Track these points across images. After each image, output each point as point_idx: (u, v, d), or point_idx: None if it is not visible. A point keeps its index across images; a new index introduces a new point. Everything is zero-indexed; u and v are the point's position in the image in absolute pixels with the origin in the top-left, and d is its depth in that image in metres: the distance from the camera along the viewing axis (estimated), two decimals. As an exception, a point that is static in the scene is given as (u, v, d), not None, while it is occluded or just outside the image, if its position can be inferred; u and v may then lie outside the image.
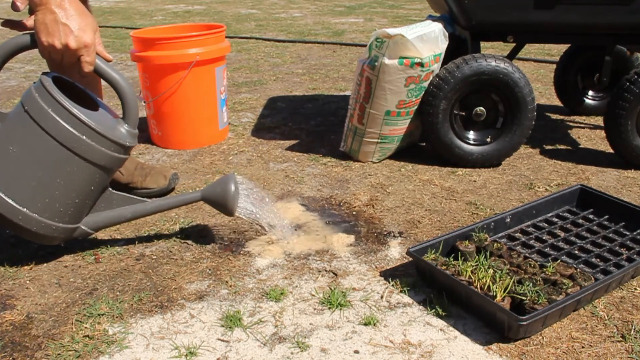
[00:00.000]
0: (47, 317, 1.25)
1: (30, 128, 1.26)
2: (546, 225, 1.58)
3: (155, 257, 1.48)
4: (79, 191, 1.33)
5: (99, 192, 1.40)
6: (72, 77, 1.41)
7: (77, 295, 1.32)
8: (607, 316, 1.22)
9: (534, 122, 1.97)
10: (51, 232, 1.33)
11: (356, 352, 1.13)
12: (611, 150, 2.03)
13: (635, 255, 1.39)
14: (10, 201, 1.28)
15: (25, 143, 1.27)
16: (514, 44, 2.16)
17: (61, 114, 1.26)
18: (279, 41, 4.72)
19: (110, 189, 1.44)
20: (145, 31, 2.33)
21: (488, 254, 1.38)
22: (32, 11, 1.37)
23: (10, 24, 1.38)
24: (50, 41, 1.20)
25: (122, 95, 1.33)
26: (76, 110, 1.27)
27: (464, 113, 2.00)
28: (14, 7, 1.33)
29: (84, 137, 1.27)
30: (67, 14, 1.19)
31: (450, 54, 2.03)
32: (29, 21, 1.27)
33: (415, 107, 1.99)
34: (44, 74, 1.32)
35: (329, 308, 1.26)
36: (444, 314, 1.23)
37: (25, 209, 1.29)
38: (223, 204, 1.45)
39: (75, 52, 1.22)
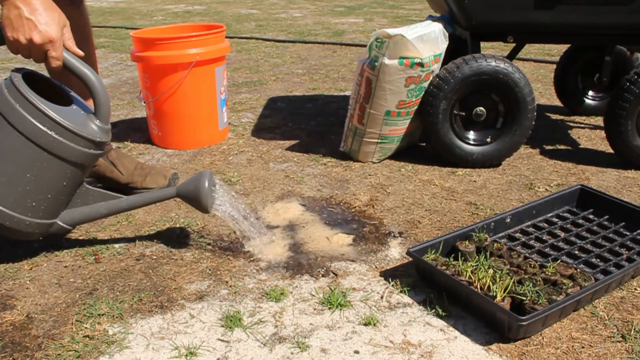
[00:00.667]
0: (47, 317, 1.25)
1: (0, 124, 1.26)
2: (546, 225, 1.58)
3: (155, 257, 1.48)
4: (51, 187, 1.33)
5: (73, 188, 1.39)
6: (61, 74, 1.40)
7: (77, 296, 1.32)
8: (607, 316, 1.22)
9: (534, 122, 1.97)
10: (25, 228, 1.33)
11: (356, 352, 1.13)
12: (611, 150, 2.03)
13: (635, 256, 1.39)
14: None
15: None
16: (514, 44, 2.16)
17: (29, 110, 1.25)
18: (279, 41, 4.72)
19: (86, 184, 1.44)
20: (145, 31, 2.33)
21: (488, 254, 1.38)
22: None
23: None
24: (15, 36, 1.19)
25: (92, 91, 1.32)
26: (44, 106, 1.26)
27: (464, 113, 2.00)
28: None
29: (52, 133, 1.27)
30: (31, 9, 1.18)
31: (450, 54, 2.03)
32: None
33: (415, 108, 1.99)
34: (15, 70, 1.32)
35: (329, 308, 1.26)
36: (444, 314, 1.23)
37: None
38: (197, 200, 1.43)
39: (40, 47, 1.20)
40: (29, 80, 1.30)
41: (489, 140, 2.01)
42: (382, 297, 1.30)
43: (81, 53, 1.30)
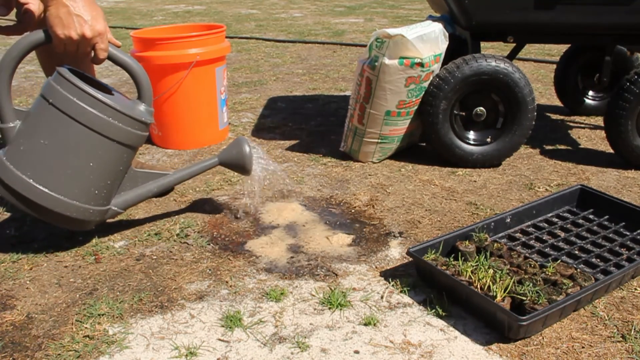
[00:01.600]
0: (47, 317, 1.25)
1: (59, 119, 1.31)
2: (546, 225, 1.58)
3: (155, 257, 1.48)
4: (111, 172, 1.40)
5: (125, 172, 1.46)
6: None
7: (77, 296, 1.32)
8: (607, 316, 1.22)
9: (534, 122, 1.97)
10: (88, 216, 1.39)
11: (356, 352, 1.13)
12: (611, 150, 2.03)
13: (635, 256, 1.39)
14: (50, 192, 1.33)
15: (56, 134, 1.32)
16: (514, 44, 2.16)
17: (86, 100, 1.31)
18: (279, 41, 4.72)
19: (133, 167, 1.49)
20: (145, 31, 2.33)
21: (488, 254, 1.38)
22: (19, 15, 1.38)
23: (4, 29, 1.39)
24: (67, 33, 1.23)
25: (135, 76, 1.39)
26: (100, 95, 1.32)
27: (464, 113, 2.00)
28: (0, 12, 1.34)
29: (111, 119, 1.33)
30: (78, 5, 1.23)
31: (451, 54, 2.03)
32: (25, 22, 1.28)
33: (416, 107, 1.99)
34: (59, 66, 1.35)
35: (329, 308, 1.26)
36: (444, 314, 1.23)
37: (64, 197, 1.34)
38: (241, 165, 1.56)
39: (90, 40, 1.26)
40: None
41: (489, 140, 2.01)
42: (382, 297, 1.30)
43: (119, 43, 1.39)
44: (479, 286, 1.25)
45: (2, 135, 1.35)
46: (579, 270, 1.31)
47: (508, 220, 1.54)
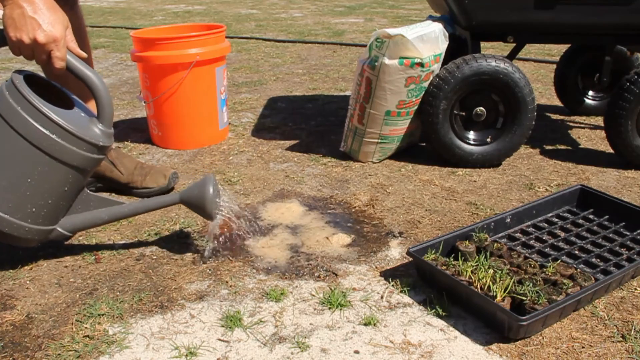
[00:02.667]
0: (47, 317, 1.25)
1: (0, 127, 1.23)
2: (546, 225, 1.58)
3: (155, 257, 1.48)
4: (52, 192, 1.29)
5: (74, 193, 1.36)
6: (62, 77, 1.39)
7: (77, 295, 1.32)
8: (607, 316, 1.22)
9: (534, 122, 1.97)
10: (24, 234, 1.29)
11: (356, 352, 1.13)
12: (611, 150, 2.03)
13: (635, 256, 1.39)
14: None
15: None
16: (514, 44, 2.16)
17: (31, 112, 1.22)
18: (279, 41, 4.72)
19: (87, 190, 1.41)
20: (145, 31, 2.33)
21: (488, 254, 1.38)
22: None
23: None
24: (19, 36, 1.16)
25: (95, 93, 1.28)
26: (46, 108, 1.23)
27: (464, 113, 2.00)
28: None
29: (55, 137, 1.24)
30: (35, 8, 1.16)
31: (451, 54, 2.03)
32: None
33: (416, 107, 1.99)
34: (16, 71, 1.29)
35: (329, 308, 1.26)
36: (444, 314, 1.23)
37: None
38: (201, 207, 1.40)
39: (44, 47, 1.18)
40: (30, 82, 1.28)
41: (489, 140, 2.01)
42: (382, 297, 1.30)
43: (84, 54, 1.28)
44: (479, 286, 1.25)
45: None
46: (579, 270, 1.31)
47: (508, 220, 1.54)
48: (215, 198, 1.41)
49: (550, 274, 1.29)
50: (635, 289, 1.32)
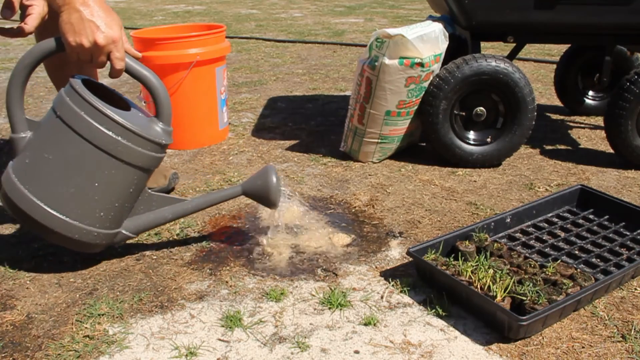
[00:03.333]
0: (47, 317, 1.25)
1: (65, 133, 1.24)
2: (546, 225, 1.58)
3: (155, 257, 1.48)
4: (119, 195, 1.30)
5: (138, 194, 1.36)
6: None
7: (77, 295, 1.32)
8: (607, 316, 1.22)
9: (534, 122, 1.97)
10: (93, 239, 1.30)
11: (356, 352, 1.13)
12: (611, 150, 2.03)
13: (635, 256, 1.39)
14: (50, 210, 1.25)
15: (61, 149, 1.24)
16: (514, 44, 2.16)
17: (95, 116, 1.23)
18: (279, 41, 4.72)
19: (149, 190, 1.40)
20: (145, 31, 2.33)
21: (488, 254, 1.38)
22: (23, 16, 1.36)
23: (7, 32, 1.37)
24: (78, 40, 1.17)
25: (154, 93, 1.30)
26: (110, 111, 1.24)
27: (464, 113, 2.00)
28: (4, 14, 1.31)
29: (120, 139, 1.24)
30: (92, 11, 1.17)
31: (451, 54, 2.03)
32: (28, 24, 1.26)
33: (416, 107, 1.99)
34: (73, 77, 1.29)
35: (329, 308, 1.26)
36: (444, 314, 1.23)
37: (66, 217, 1.26)
38: (265, 197, 1.42)
39: (103, 48, 1.19)
40: (87, 86, 1.28)
41: (489, 140, 2.01)
42: (382, 297, 1.30)
43: (139, 55, 1.30)
44: (479, 286, 1.25)
45: (13, 145, 1.29)
46: (579, 270, 1.31)
47: (508, 220, 1.54)
48: (279, 187, 1.43)
49: (550, 274, 1.29)
50: (635, 289, 1.32)
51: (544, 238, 1.50)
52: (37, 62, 1.25)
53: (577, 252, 1.43)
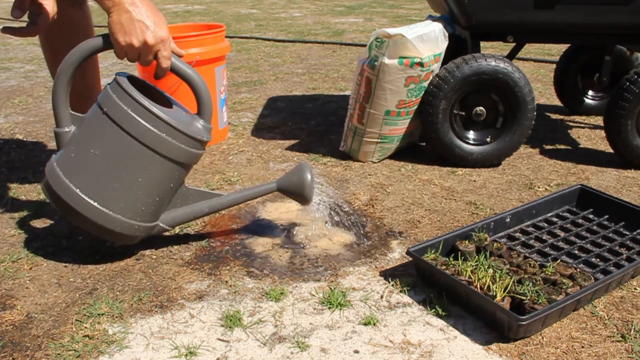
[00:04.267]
0: (47, 317, 1.25)
1: (111, 130, 1.27)
2: (546, 225, 1.58)
3: (155, 257, 1.48)
4: (160, 189, 1.34)
5: (177, 189, 1.41)
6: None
7: (77, 295, 1.32)
8: (607, 316, 1.22)
9: (534, 122, 1.97)
10: (133, 232, 1.35)
11: (356, 352, 1.13)
12: (611, 150, 2.03)
13: (635, 255, 1.39)
14: (94, 204, 1.29)
15: (107, 145, 1.28)
16: (514, 44, 2.16)
17: (141, 113, 1.26)
18: (279, 41, 4.72)
19: (186, 185, 1.44)
20: (145, 31, 2.32)
21: (488, 253, 1.38)
22: (32, 16, 1.36)
23: (11, 30, 1.38)
24: (128, 40, 1.20)
25: (196, 91, 1.34)
26: (155, 108, 1.27)
27: (463, 113, 2.00)
28: (14, 14, 1.32)
29: (164, 135, 1.28)
30: (140, 12, 1.20)
31: (451, 54, 2.03)
32: (39, 24, 1.27)
33: (415, 107, 1.99)
34: (118, 74, 1.32)
35: (329, 308, 1.26)
36: (444, 313, 1.23)
37: (109, 211, 1.30)
38: (300, 193, 1.46)
39: (152, 48, 1.22)
40: (132, 84, 1.31)
41: (488, 140, 2.01)
42: (382, 297, 1.30)
43: (183, 53, 1.33)
44: (478, 286, 1.25)
45: (57, 139, 1.33)
46: (578, 269, 1.31)
47: (508, 220, 1.54)
48: (313, 184, 1.47)
49: (550, 273, 1.29)
50: (635, 289, 1.32)
51: (543, 238, 1.50)
52: (83, 58, 1.28)
53: (576, 251, 1.43)
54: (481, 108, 1.98)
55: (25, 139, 2.37)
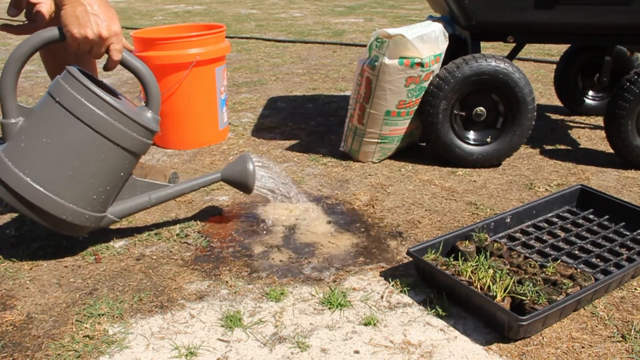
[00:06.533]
0: (47, 317, 1.25)
1: (64, 118, 1.28)
2: (546, 225, 1.58)
3: (155, 257, 1.48)
4: (111, 178, 1.36)
5: (126, 179, 1.43)
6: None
7: (77, 295, 1.32)
8: (607, 316, 1.22)
9: (534, 122, 1.97)
10: (84, 222, 1.35)
11: (356, 352, 1.13)
12: (611, 150, 2.03)
13: (635, 256, 1.39)
14: (47, 193, 1.29)
15: (60, 133, 1.29)
16: (514, 44, 2.16)
17: (94, 101, 1.28)
18: (279, 41, 4.72)
19: (134, 176, 1.46)
20: (145, 31, 2.33)
21: (488, 254, 1.38)
22: (29, 15, 1.37)
23: (7, 28, 1.38)
24: (83, 32, 1.22)
25: (145, 82, 1.37)
26: (108, 97, 1.30)
27: (464, 113, 2.00)
28: (10, 12, 1.34)
29: (117, 123, 1.31)
30: (94, 5, 1.23)
31: (451, 54, 2.03)
32: (37, 21, 1.28)
33: (416, 107, 1.99)
34: (70, 65, 1.33)
35: (329, 308, 1.26)
36: (444, 314, 1.23)
37: (61, 199, 1.31)
38: (243, 183, 1.54)
39: (106, 40, 1.25)
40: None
41: (489, 140, 2.01)
42: (382, 297, 1.30)
43: (132, 47, 1.38)
44: (479, 286, 1.25)
45: (3, 131, 1.32)
46: (579, 270, 1.31)
47: (508, 220, 1.54)
48: (254, 173, 1.54)
49: (550, 274, 1.29)
50: (635, 289, 1.32)
51: (544, 238, 1.50)
52: (34, 50, 1.28)
53: (577, 252, 1.43)
54: (481, 108, 1.98)
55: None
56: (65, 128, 1.29)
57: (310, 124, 2.56)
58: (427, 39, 1.88)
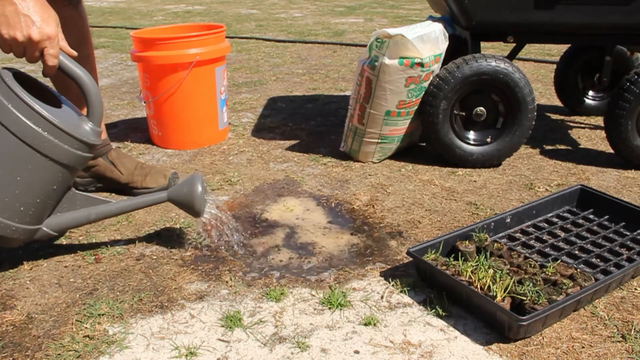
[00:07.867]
0: (47, 317, 1.25)
1: None
2: (546, 225, 1.58)
3: (155, 257, 1.48)
4: (41, 191, 1.28)
5: (62, 192, 1.35)
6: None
7: (77, 296, 1.32)
8: (607, 316, 1.22)
9: (534, 122, 1.97)
10: (10, 234, 1.27)
11: (356, 352, 1.13)
12: (611, 150, 2.03)
13: (635, 256, 1.39)
14: None
15: None
16: (514, 44, 2.16)
17: (22, 109, 1.20)
18: (279, 41, 4.72)
19: (74, 189, 1.40)
20: (145, 31, 2.33)
21: (488, 254, 1.38)
22: None
23: None
24: (12, 34, 1.15)
25: (85, 92, 1.28)
26: (38, 105, 1.21)
27: (464, 113, 2.00)
28: None
29: (46, 134, 1.22)
30: (27, 5, 1.15)
31: (451, 54, 2.03)
32: None
33: (416, 107, 1.99)
34: (4, 68, 1.27)
35: (329, 308, 1.26)
36: (444, 314, 1.23)
37: None
38: (190, 205, 1.42)
39: (38, 44, 1.17)
40: (19, 80, 1.26)
41: (489, 140, 2.01)
42: (382, 297, 1.30)
43: (74, 53, 1.27)
44: (479, 286, 1.25)
45: None
46: (579, 270, 1.31)
47: (508, 220, 1.54)
48: (204, 196, 1.42)
49: (550, 274, 1.29)
50: (635, 289, 1.32)
51: (544, 238, 1.50)
52: None
53: (577, 252, 1.43)
54: (481, 108, 1.98)
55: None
56: None
57: (311, 124, 2.56)
58: (427, 39, 1.88)
